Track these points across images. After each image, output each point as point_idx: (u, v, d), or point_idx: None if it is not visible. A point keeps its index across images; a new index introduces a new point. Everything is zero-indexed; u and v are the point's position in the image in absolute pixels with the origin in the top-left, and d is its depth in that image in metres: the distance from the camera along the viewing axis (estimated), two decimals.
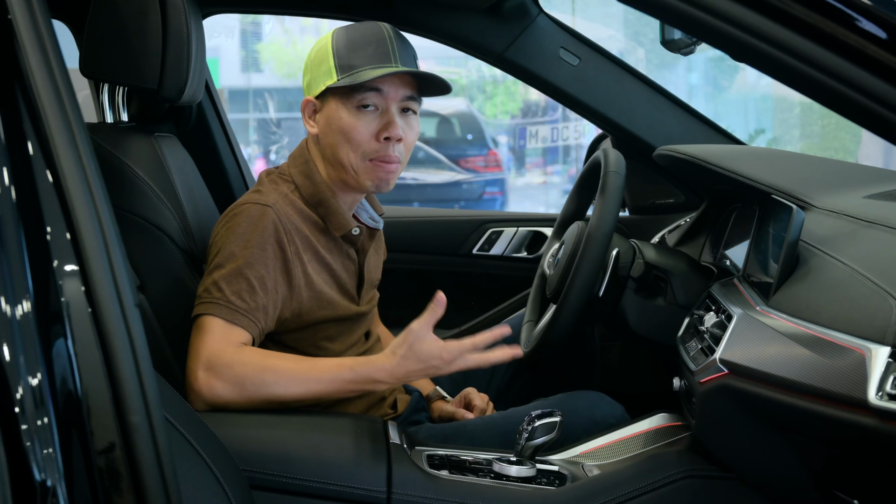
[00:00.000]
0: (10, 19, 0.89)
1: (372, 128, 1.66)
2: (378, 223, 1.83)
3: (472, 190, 9.62)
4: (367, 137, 1.66)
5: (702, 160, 1.76)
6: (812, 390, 1.18)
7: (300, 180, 1.71)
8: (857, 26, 1.07)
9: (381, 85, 1.65)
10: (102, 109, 2.15)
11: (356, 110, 1.66)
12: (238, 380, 1.52)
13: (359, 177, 1.69)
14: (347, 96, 1.66)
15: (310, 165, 1.72)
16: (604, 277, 1.77)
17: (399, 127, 1.66)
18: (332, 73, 1.66)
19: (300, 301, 1.66)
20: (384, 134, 1.66)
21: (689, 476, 1.50)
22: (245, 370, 1.53)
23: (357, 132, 1.66)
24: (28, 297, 0.85)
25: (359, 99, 1.65)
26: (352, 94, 1.65)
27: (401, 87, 1.67)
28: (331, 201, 1.71)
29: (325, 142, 1.70)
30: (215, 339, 1.54)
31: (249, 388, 1.52)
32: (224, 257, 1.60)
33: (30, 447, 0.82)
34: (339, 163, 1.69)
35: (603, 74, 2.36)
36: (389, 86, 1.66)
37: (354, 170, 1.68)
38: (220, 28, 8.82)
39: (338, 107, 1.67)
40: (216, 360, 1.52)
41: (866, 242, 1.31)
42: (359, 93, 1.65)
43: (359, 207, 1.80)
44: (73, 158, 0.87)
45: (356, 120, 1.66)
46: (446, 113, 10.14)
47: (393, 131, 1.66)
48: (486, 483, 1.49)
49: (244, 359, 1.54)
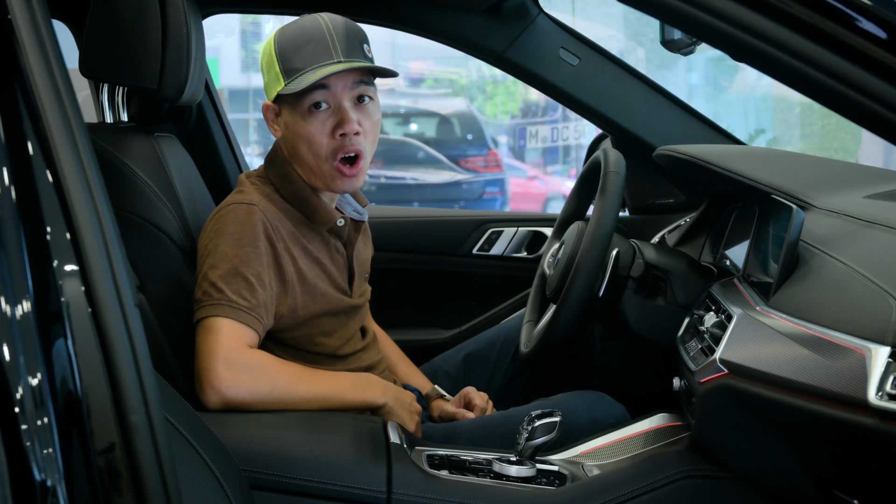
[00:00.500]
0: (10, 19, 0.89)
1: (327, 127, 1.66)
2: (363, 215, 1.83)
3: (472, 190, 9.62)
4: (324, 138, 1.66)
5: (702, 160, 1.76)
6: (812, 390, 1.18)
7: (278, 181, 1.72)
8: (857, 26, 1.07)
9: (327, 82, 1.64)
10: (102, 109, 2.15)
11: (308, 113, 1.66)
12: (254, 381, 1.54)
13: (325, 179, 1.69)
14: (297, 101, 1.66)
15: (285, 166, 1.72)
16: (604, 277, 1.77)
17: (353, 121, 1.65)
18: (279, 79, 1.66)
19: (294, 296, 1.67)
20: (339, 131, 1.65)
21: (689, 476, 1.49)
22: (261, 373, 1.56)
23: (313, 135, 1.66)
24: (28, 297, 0.85)
25: (307, 101, 1.65)
26: (300, 98, 1.65)
27: (349, 78, 1.66)
28: (311, 198, 1.71)
29: (288, 146, 1.71)
30: (229, 338, 1.55)
31: (263, 389, 1.55)
32: (218, 258, 1.60)
33: (30, 447, 0.82)
34: (306, 166, 1.69)
35: (603, 74, 2.36)
36: (335, 81, 1.65)
37: (321, 172, 1.68)
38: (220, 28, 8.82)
39: (291, 112, 1.67)
40: (235, 359, 1.54)
41: (866, 242, 1.31)
42: (306, 96, 1.64)
43: (342, 200, 1.80)
44: (73, 158, 0.87)
45: (309, 123, 1.66)
46: (446, 113, 10.14)
47: (347, 127, 1.65)
48: (486, 483, 1.49)
49: (261, 362, 1.57)
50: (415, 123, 10.02)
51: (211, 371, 1.53)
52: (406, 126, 10.20)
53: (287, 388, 1.57)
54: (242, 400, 1.54)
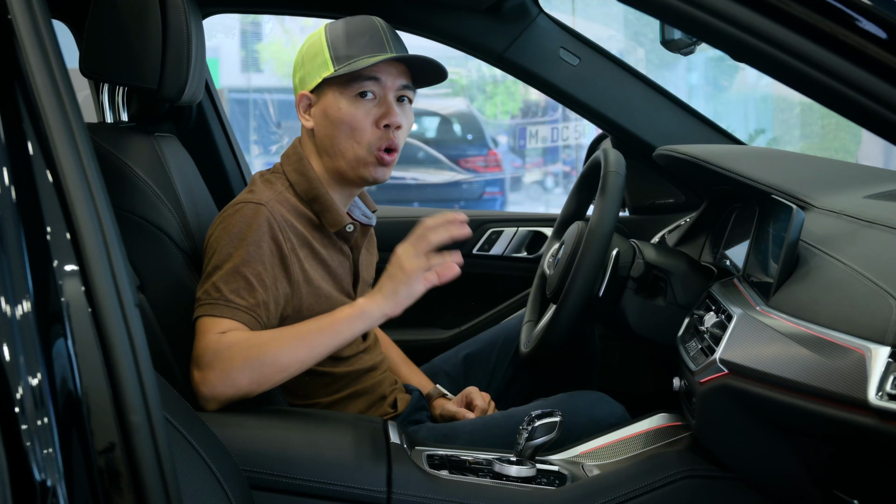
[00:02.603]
0: (10, 19, 0.89)
1: (371, 116, 1.68)
2: (371, 219, 1.83)
3: (472, 190, 9.62)
4: (368, 126, 1.68)
5: (702, 160, 1.76)
6: (812, 390, 1.18)
7: (294, 177, 1.72)
8: (857, 26, 1.07)
9: (378, 73, 1.67)
10: (102, 109, 2.15)
11: (355, 99, 1.67)
12: (227, 362, 1.49)
13: (358, 168, 1.69)
14: (345, 86, 1.67)
15: (304, 162, 1.72)
16: (604, 277, 1.77)
17: (398, 114, 1.69)
18: (328, 65, 1.67)
19: (300, 297, 1.66)
20: (384, 121, 1.68)
21: (689, 476, 1.49)
22: (230, 351, 1.50)
23: (358, 121, 1.67)
24: (28, 297, 0.85)
25: (357, 87, 1.67)
26: (350, 83, 1.67)
27: (397, 75, 1.69)
28: (325, 197, 1.71)
29: (322, 134, 1.71)
30: (206, 337, 1.53)
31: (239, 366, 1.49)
32: (221, 258, 1.60)
33: (30, 447, 0.82)
34: (341, 154, 1.69)
35: (603, 74, 2.36)
36: (386, 74, 1.68)
37: (356, 160, 1.69)
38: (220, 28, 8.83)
39: (336, 97, 1.68)
40: (203, 353, 1.51)
41: (866, 242, 1.31)
42: (357, 81, 1.67)
43: (352, 205, 1.81)
44: (73, 158, 0.87)
45: (355, 109, 1.67)
46: (446, 113, 10.14)
47: (392, 118, 1.67)
48: (486, 483, 1.49)
49: (229, 341, 1.51)
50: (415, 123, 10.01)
51: (190, 375, 1.52)
52: None
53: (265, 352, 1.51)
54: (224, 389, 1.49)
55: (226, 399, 1.51)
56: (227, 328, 1.54)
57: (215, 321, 1.54)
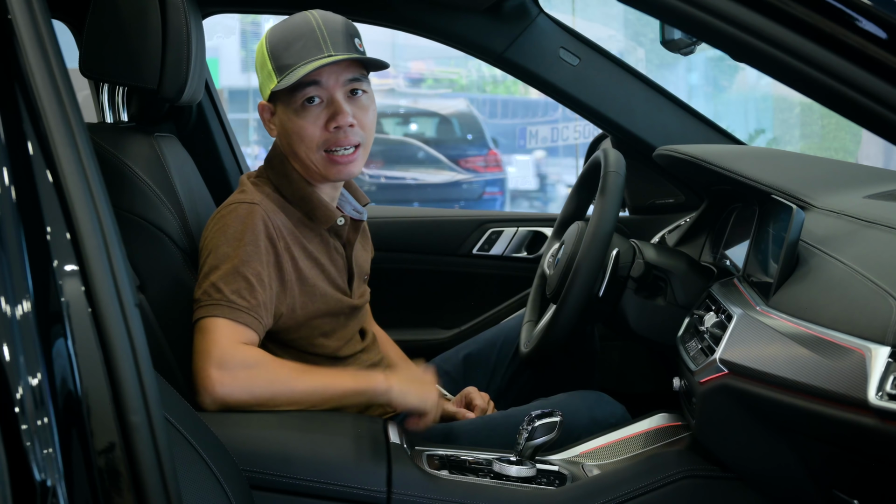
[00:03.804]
0: (10, 19, 0.89)
1: (320, 121, 1.66)
2: (362, 214, 1.83)
3: (472, 190, 9.61)
4: (317, 130, 1.66)
5: (702, 160, 1.76)
6: (812, 390, 1.18)
7: (278, 180, 1.72)
8: (857, 26, 1.07)
9: (318, 77, 1.65)
10: (102, 109, 2.15)
11: (301, 108, 1.66)
12: (250, 379, 1.53)
13: (320, 171, 1.69)
14: (290, 97, 1.66)
15: (284, 165, 1.72)
16: (604, 277, 1.77)
17: (347, 113, 1.66)
18: (272, 77, 1.67)
19: (293, 296, 1.67)
20: (333, 124, 1.66)
21: (689, 476, 1.49)
22: (257, 370, 1.54)
23: (306, 130, 1.66)
24: (28, 297, 0.85)
25: (301, 96, 1.66)
26: (293, 93, 1.65)
27: (341, 72, 1.66)
28: (312, 195, 1.71)
29: (283, 143, 1.72)
30: (224, 339, 1.54)
31: (260, 387, 1.54)
32: (218, 258, 1.60)
33: (30, 447, 0.82)
34: (300, 161, 1.70)
35: (603, 74, 2.36)
36: (328, 75, 1.65)
37: (315, 165, 1.69)
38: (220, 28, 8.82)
39: (285, 109, 1.68)
40: (229, 359, 1.53)
41: (866, 242, 1.31)
42: (299, 90, 1.65)
43: (342, 199, 1.80)
44: (73, 158, 0.87)
45: (303, 119, 1.66)
46: (446, 113, 10.14)
47: (341, 119, 1.66)
48: (486, 483, 1.49)
49: (256, 359, 1.55)
50: (415, 123, 10.02)
51: (202, 374, 1.52)
52: (406, 126, 10.20)
53: (284, 383, 1.56)
54: (238, 399, 1.52)
55: (232, 406, 1.53)
56: (249, 339, 1.57)
57: (232, 326, 1.55)
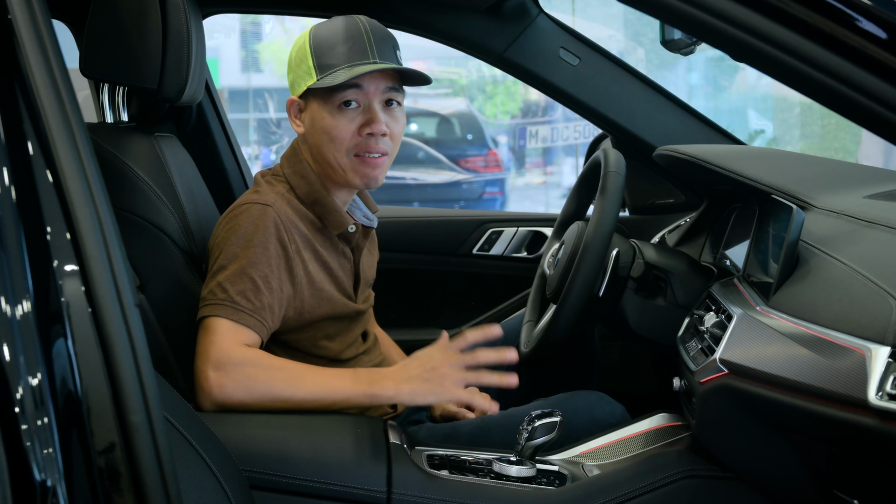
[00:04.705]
0: (10, 19, 0.89)
1: (354, 125, 1.67)
2: (372, 221, 1.83)
3: (472, 190, 9.61)
4: (350, 134, 1.67)
5: (702, 160, 1.76)
6: (812, 390, 1.18)
7: (294, 180, 1.72)
8: (857, 26, 1.07)
9: (360, 82, 1.65)
10: (102, 109, 2.15)
11: (338, 109, 1.66)
12: (248, 380, 1.52)
13: (346, 174, 1.69)
14: (328, 96, 1.66)
15: (303, 164, 1.72)
16: (604, 277, 1.77)
17: (382, 122, 1.67)
18: (311, 73, 1.67)
19: (302, 299, 1.67)
20: (367, 130, 1.67)
21: (689, 476, 1.49)
22: (255, 370, 1.53)
23: (339, 131, 1.66)
24: (28, 297, 0.85)
25: (339, 98, 1.66)
26: (332, 94, 1.66)
27: (381, 81, 1.67)
28: (326, 199, 1.71)
29: (311, 141, 1.71)
30: (224, 339, 1.54)
31: (259, 388, 1.53)
32: (227, 258, 1.60)
33: (30, 447, 0.82)
34: (326, 161, 1.69)
35: (603, 74, 2.36)
36: (369, 82, 1.66)
37: (341, 167, 1.69)
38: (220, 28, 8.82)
39: (319, 107, 1.68)
40: (226, 359, 1.52)
41: (866, 242, 1.31)
42: (339, 92, 1.65)
43: (352, 206, 1.81)
44: (73, 158, 0.87)
45: (338, 120, 1.66)
46: (446, 113, 10.14)
47: (375, 127, 1.66)
48: (486, 483, 1.49)
49: (254, 359, 1.55)
50: (415, 123, 10.02)
51: (200, 374, 1.52)
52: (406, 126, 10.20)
53: (285, 384, 1.54)
54: (236, 400, 1.52)
55: (230, 407, 1.53)
56: (251, 341, 1.56)
57: (233, 327, 1.55)
